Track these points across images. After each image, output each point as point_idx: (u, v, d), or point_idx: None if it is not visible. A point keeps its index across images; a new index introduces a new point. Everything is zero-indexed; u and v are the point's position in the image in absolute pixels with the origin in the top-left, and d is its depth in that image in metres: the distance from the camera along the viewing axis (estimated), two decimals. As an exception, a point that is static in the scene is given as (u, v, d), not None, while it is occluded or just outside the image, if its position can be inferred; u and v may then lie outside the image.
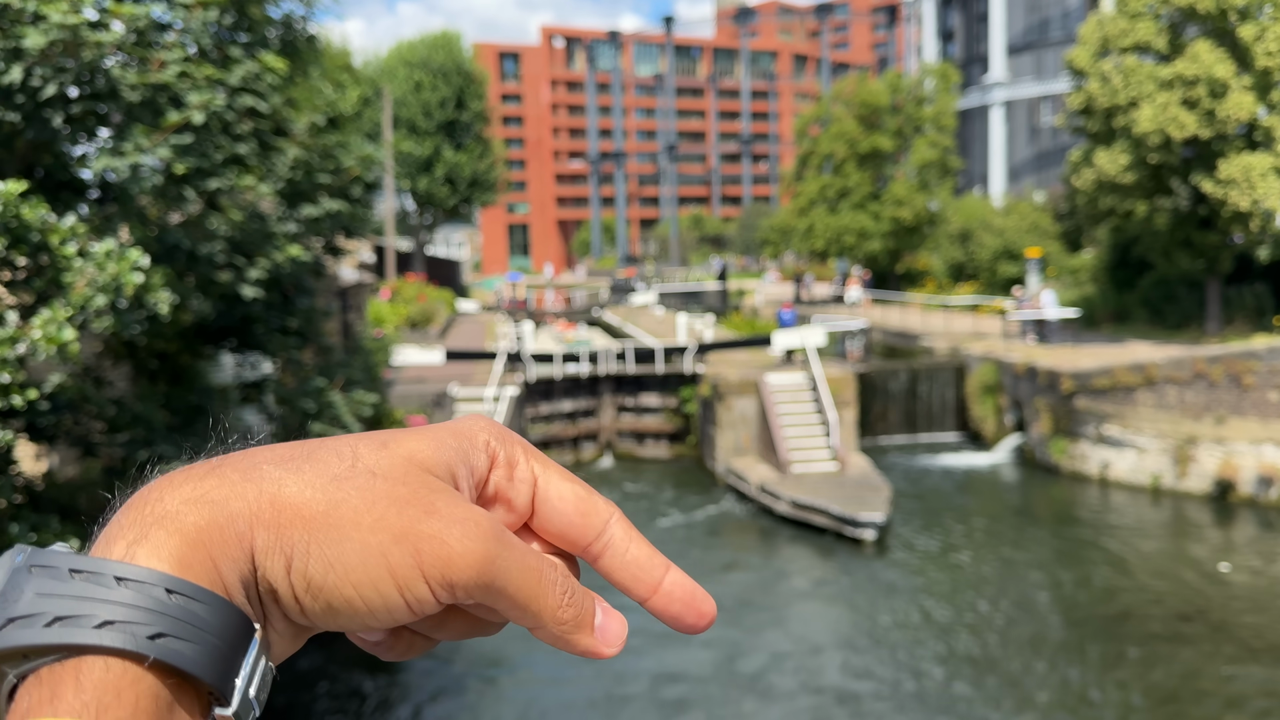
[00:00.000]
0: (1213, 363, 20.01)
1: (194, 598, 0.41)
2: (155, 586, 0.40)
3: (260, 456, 0.46)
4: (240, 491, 0.44)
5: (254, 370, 11.60)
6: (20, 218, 7.10)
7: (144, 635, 0.40)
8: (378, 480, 0.45)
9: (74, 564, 0.41)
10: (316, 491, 0.44)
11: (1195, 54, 21.90)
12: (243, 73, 9.22)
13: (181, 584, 0.41)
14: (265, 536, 0.44)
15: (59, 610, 0.39)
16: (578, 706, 11.80)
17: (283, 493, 0.44)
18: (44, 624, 0.39)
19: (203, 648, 0.41)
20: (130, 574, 0.40)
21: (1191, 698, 11.50)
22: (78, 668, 0.39)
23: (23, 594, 0.40)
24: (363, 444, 0.47)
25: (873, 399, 25.01)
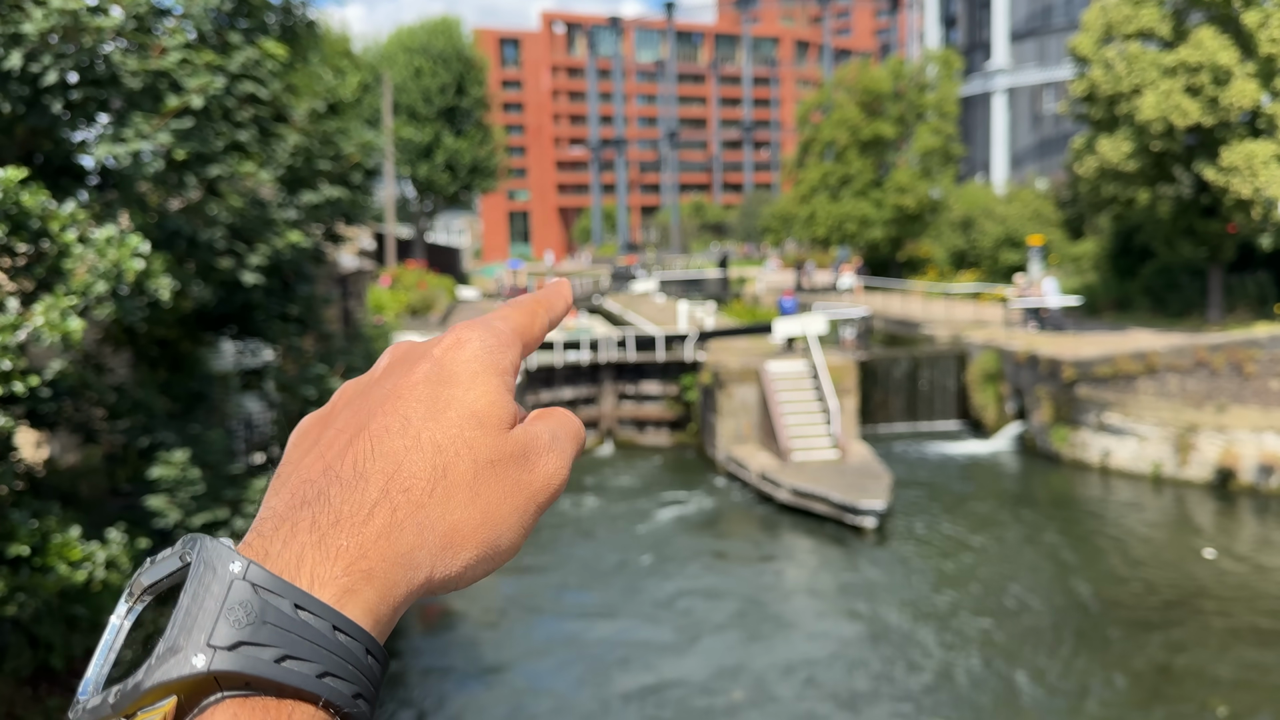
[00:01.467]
0: (1214, 351, 20.00)
1: (379, 660, 0.44)
2: (360, 645, 0.43)
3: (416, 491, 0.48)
4: (420, 541, 0.47)
5: (254, 357, 11.59)
6: (20, 204, 7.08)
7: (349, 694, 0.43)
8: (496, 466, 0.51)
9: (299, 600, 0.43)
10: (470, 509, 0.49)
11: (1199, 41, 21.80)
12: (242, 59, 9.18)
13: (376, 646, 0.44)
14: (444, 570, 0.48)
15: (289, 649, 0.41)
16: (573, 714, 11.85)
17: (449, 524, 0.49)
18: (274, 658, 0.41)
19: (371, 705, 0.44)
20: (346, 628, 0.43)
21: (1181, 681, 11.54)
22: (290, 710, 0.41)
23: (253, 617, 0.41)
24: (466, 431, 0.51)
25: (874, 387, 25.00)
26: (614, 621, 13.91)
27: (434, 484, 0.49)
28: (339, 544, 0.45)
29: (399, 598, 0.46)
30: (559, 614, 14.36)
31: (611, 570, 16.04)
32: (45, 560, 7.69)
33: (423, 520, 0.48)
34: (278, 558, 0.45)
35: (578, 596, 15.01)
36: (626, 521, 18.72)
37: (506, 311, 0.58)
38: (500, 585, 15.68)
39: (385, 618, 0.46)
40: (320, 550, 0.45)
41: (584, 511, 19.41)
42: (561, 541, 17.64)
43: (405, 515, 0.47)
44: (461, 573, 0.49)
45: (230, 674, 0.41)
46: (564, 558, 16.77)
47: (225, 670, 0.41)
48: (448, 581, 0.49)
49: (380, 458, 0.49)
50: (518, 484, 0.51)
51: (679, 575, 15.69)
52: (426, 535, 0.48)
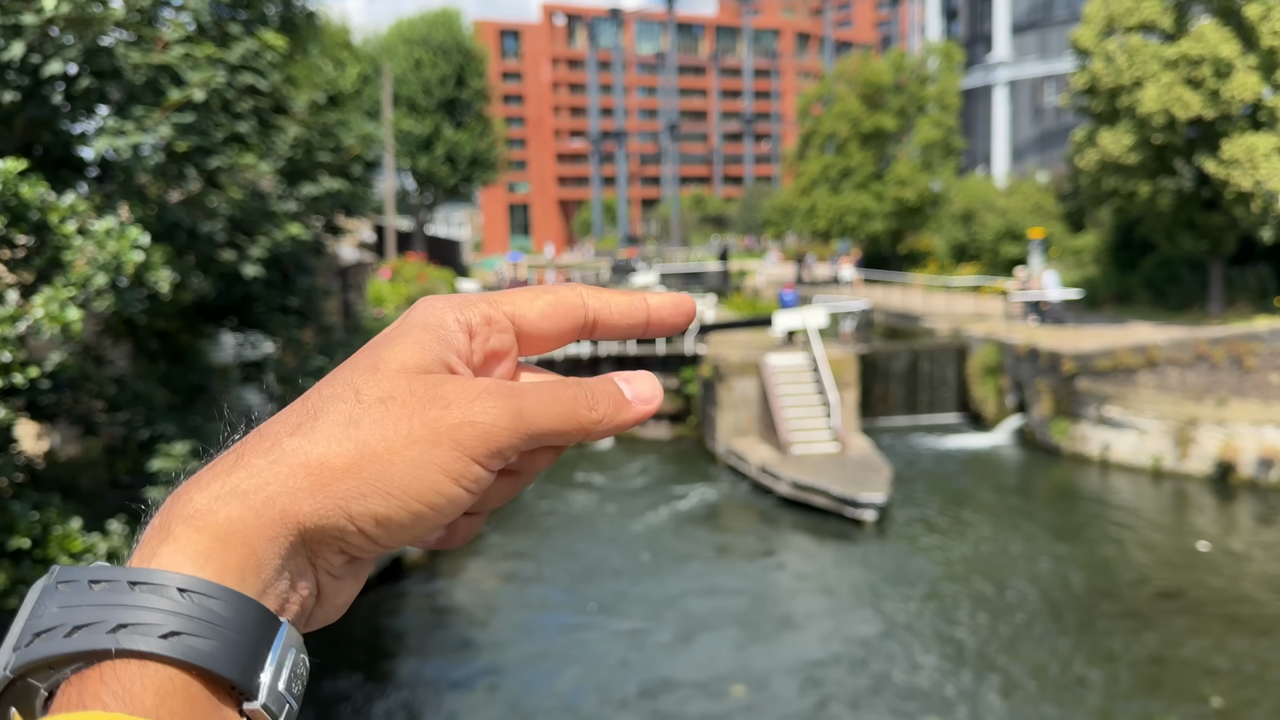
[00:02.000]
0: (1214, 344, 19.99)
1: (209, 594, 0.42)
2: (167, 588, 0.42)
3: (274, 433, 0.47)
4: (272, 475, 0.45)
5: (254, 349, 11.59)
6: (20, 196, 7.07)
7: (156, 634, 0.41)
8: (389, 404, 0.47)
9: (94, 575, 0.42)
10: (341, 442, 0.46)
11: (1200, 33, 21.74)
12: (242, 50, 9.16)
13: (195, 582, 0.42)
14: (312, 503, 0.45)
15: (77, 620, 0.41)
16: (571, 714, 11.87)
17: (311, 457, 0.45)
18: (64, 634, 0.41)
19: (220, 643, 0.41)
20: (143, 577, 0.42)
21: (1177, 672, 11.56)
22: (101, 672, 0.40)
23: (47, 609, 0.42)
24: (357, 377, 0.48)
25: (874, 380, 25.00)
26: (613, 616, 13.93)
27: (296, 428, 0.47)
28: (168, 502, 0.45)
29: (248, 532, 0.44)
30: (558, 609, 14.38)
31: (610, 564, 16.06)
32: (46, 552, 7.70)
33: (276, 456, 0.45)
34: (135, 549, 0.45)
35: (577, 590, 15.03)
36: (626, 515, 18.74)
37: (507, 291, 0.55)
38: (496, 578, 15.70)
39: (228, 556, 0.43)
40: (155, 518, 0.45)
41: (583, 505, 19.43)
42: (560, 534, 17.66)
43: (253, 456, 0.46)
44: (344, 505, 0.45)
45: (30, 665, 0.41)
46: (563, 551, 16.79)
47: (23, 664, 0.41)
48: (327, 514, 0.45)
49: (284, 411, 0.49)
50: (421, 420, 0.47)
51: (678, 569, 15.71)
52: (278, 468, 0.45)
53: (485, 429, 0.47)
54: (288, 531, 0.45)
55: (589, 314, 0.54)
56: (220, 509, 0.44)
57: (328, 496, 0.45)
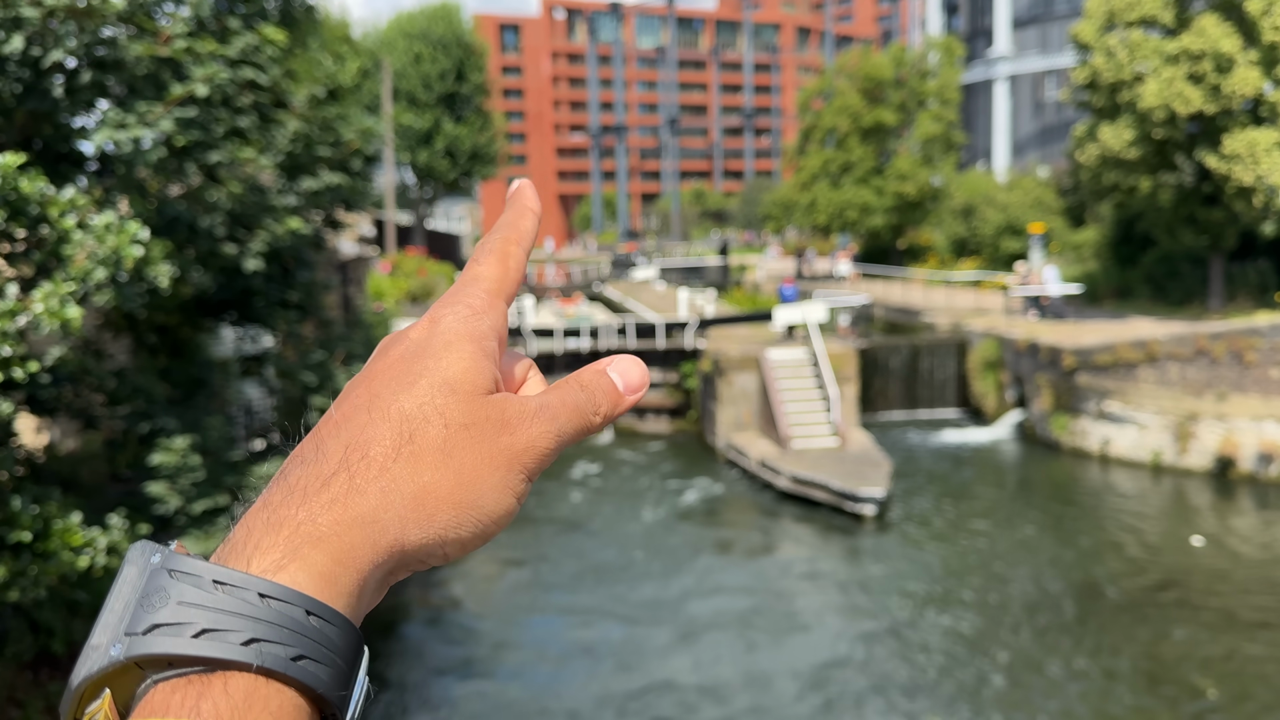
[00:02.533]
0: (1215, 339, 19.99)
1: (330, 621, 0.43)
2: (297, 608, 0.42)
3: (378, 458, 0.48)
4: (386, 504, 0.46)
5: (254, 343, 11.59)
6: (19, 190, 7.06)
7: (287, 656, 0.41)
8: (471, 430, 0.49)
9: (217, 575, 0.42)
10: (441, 471, 0.48)
11: (1201, 28, 21.71)
12: (242, 45, 9.14)
13: (322, 607, 0.43)
14: (419, 533, 0.47)
15: (206, 623, 0.41)
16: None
17: (418, 487, 0.47)
18: (191, 634, 0.41)
19: (333, 670, 0.43)
20: (274, 593, 0.42)
21: (1173, 666, 11.58)
22: (224, 682, 0.40)
23: (167, 600, 0.41)
24: (437, 398, 0.50)
25: (874, 375, 25.01)
26: (612, 611, 13.94)
27: (399, 448, 0.48)
28: (286, 515, 0.45)
29: (362, 560, 0.45)
30: (556, 604, 14.40)
31: (610, 558, 16.08)
32: (46, 546, 7.71)
33: (387, 484, 0.47)
34: (231, 541, 0.45)
35: (576, 585, 15.04)
36: (625, 509, 18.75)
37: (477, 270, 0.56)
38: (496, 572, 15.72)
39: (345, 580, 0.44)
40: (269, 525, 0.45)
41: (583, 499, 19.44)
42: (559, 528, 17.67)
43: (365, 480, 0.46)
44: (442, 535, 0.48)
45: (149, 657, 0.40)
46: (562, 545, 16.81)
47: (142, 655, 0.40)
48: (428, 545, 0.48)
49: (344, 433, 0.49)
50: (497, 447, 0.50)
51: (677, 564, 15.72)
52: (391, 497, 0.47)
53: (542, 451, 0.51)
54: (393, 560, 0.47)
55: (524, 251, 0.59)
56: (345, 535, 0.45)
57: (431, 526, 0.47)
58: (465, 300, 0.54)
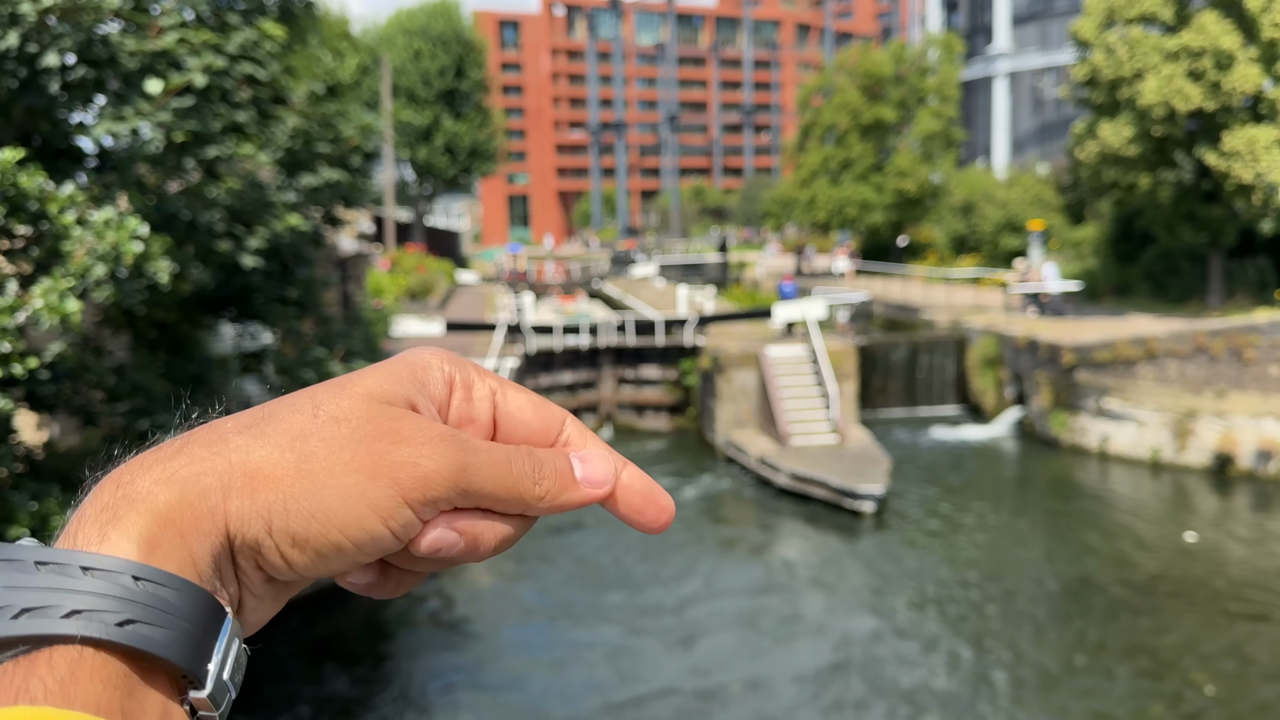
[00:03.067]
0: (1214, 336, 20.00)
1: (162, 583, 0.41)
2: (122, 574, 0.41)
3: (225, 427, 0.46)
4: (210, 465, 0.44)
5: (254, 340, 11.58)
6: (18, 186, 7.06)
7: (112, 622, 0.40)
8: (341, 425, 0.46)
9: (40, 556, 0.41)
10: (284, 451, 0.45)
11: (1201, 25, 21.70)
12: (241, 40, 9.13)
13: (149, 570, 0.41)
14: (240, 504, 0.44)
15: (26, 602, 0.40)
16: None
17: (251, 459, 0.45)
18: (11, 616, 0.40)
19: (173, 632, 0.41)
20: (97, 563, 0.41)
21: (1170, 662, 11.60)
22: (49, 657, 0.39)
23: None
24: (321, 393, 0.48)
25: (873, 372, 25.01)
26: (609, 608, 13.95)
27: (249, 425, 0.46)
28: (110, 483, 0.44)
29: (183, 523, 0.43)
30: (553, 603, 14.41)
31: (606, 556, 16.09)
32: (45, 542, 7.70)
33: (219, 449, 0.45)
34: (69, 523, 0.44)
35: (573, 584, 15.05)
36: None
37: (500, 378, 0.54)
38: (490, 568, 15.72)
39: (170, 543, 0.43)
40: (95, 497, 0.44)
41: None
42: (556, 527, 17.68)
43: (199, 446, 0.45)
44: (267, 515, 0.44)
45: None
46: (558, 544, 16.81)
47: None
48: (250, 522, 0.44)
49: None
50: (370, 450, 0.45)
51: (676, 562, 15.73)
52: (217, 462, 0.44)
53: (426, 474, 0.46)
54: (216, 529, 0.44)
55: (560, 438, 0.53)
56: (160, 493, 0.43)
57: (254, 502, 0.44)
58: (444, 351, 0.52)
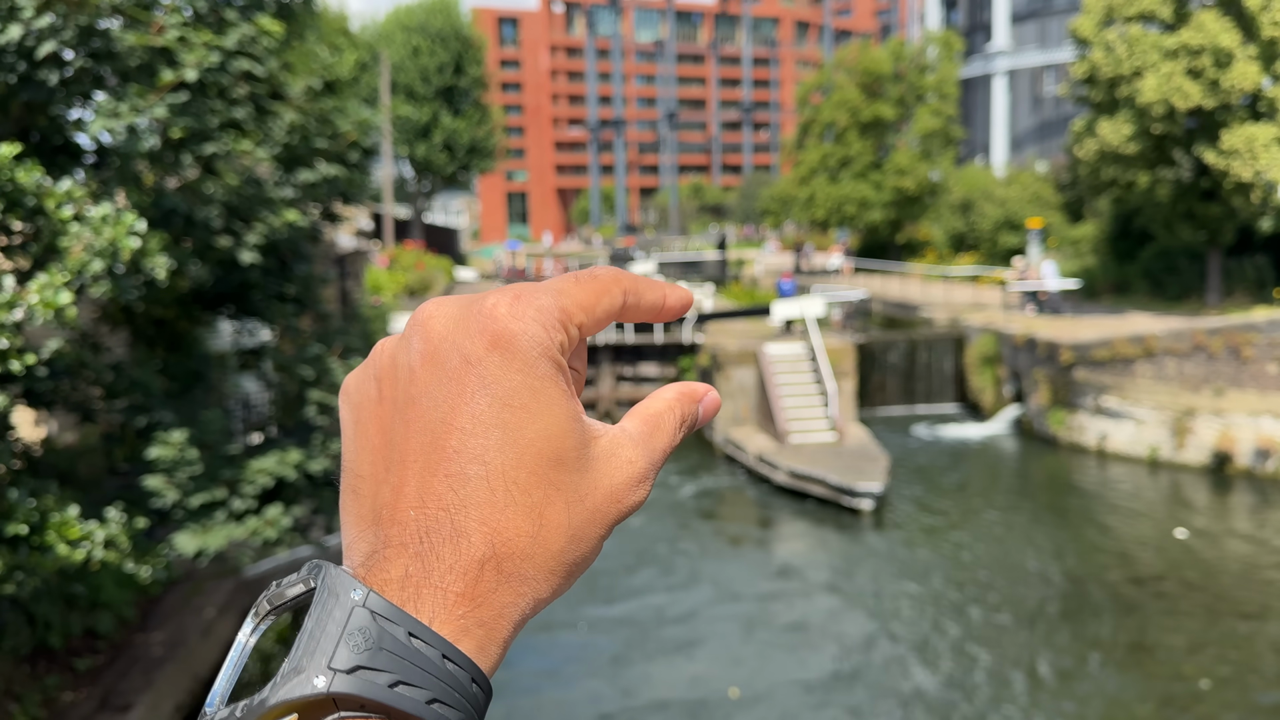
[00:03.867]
0: (1212, 335, 20.01)
1: (484, 690, 0.47)
2: (468, 674, 0.46)
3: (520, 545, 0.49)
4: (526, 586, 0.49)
5: (252, 337, 11.56)
6: (15, 181, 7.04)
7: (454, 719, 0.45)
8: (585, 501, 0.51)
9: (413, 629, 0.45)
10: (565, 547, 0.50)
11: (1200, 23, 21.69)
12: (238, 36, 9.10)
13: (482, 677, 0.47)
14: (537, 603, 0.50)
15: (402, 675, 0.44)
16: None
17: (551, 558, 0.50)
18: (388, 684, 0.44)
19: None
20: (455, 658, 0.46)
21: (1166, 657, 11.61)
22: None
23: (371, 643, 0.44)
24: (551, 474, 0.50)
25: (872, 370, 25.01)
26: (607, 604, 13.95)
27: (534, 538, 0.50)
28: (456, 590, 0.48)
29: (506, 637, 0.49)
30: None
31: (604, 553, 16.08)
32: (43, 539, 7.70)
33: (526, 571, 0.49)
34: (396, 591, 0.47)
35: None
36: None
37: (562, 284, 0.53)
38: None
39: (492, 655, 0.48)
40: (437, 593, 0.47)
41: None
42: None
43: (512, 569, 0.49)
44: (555, 597, 0.52)
45: (348, 696, 0.44)
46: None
47: (343, 693, 0.43)
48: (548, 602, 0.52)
49: (474, 508, 0.49)
50: (606, 510, 0.52)
51: (674, 559, 15.73)
52: (528, 585, 0.50)
53: (635, 503, 0.53)
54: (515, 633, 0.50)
55: (624, 309, 0.56)
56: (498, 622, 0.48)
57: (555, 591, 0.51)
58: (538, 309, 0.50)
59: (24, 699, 8.50)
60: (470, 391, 0.49)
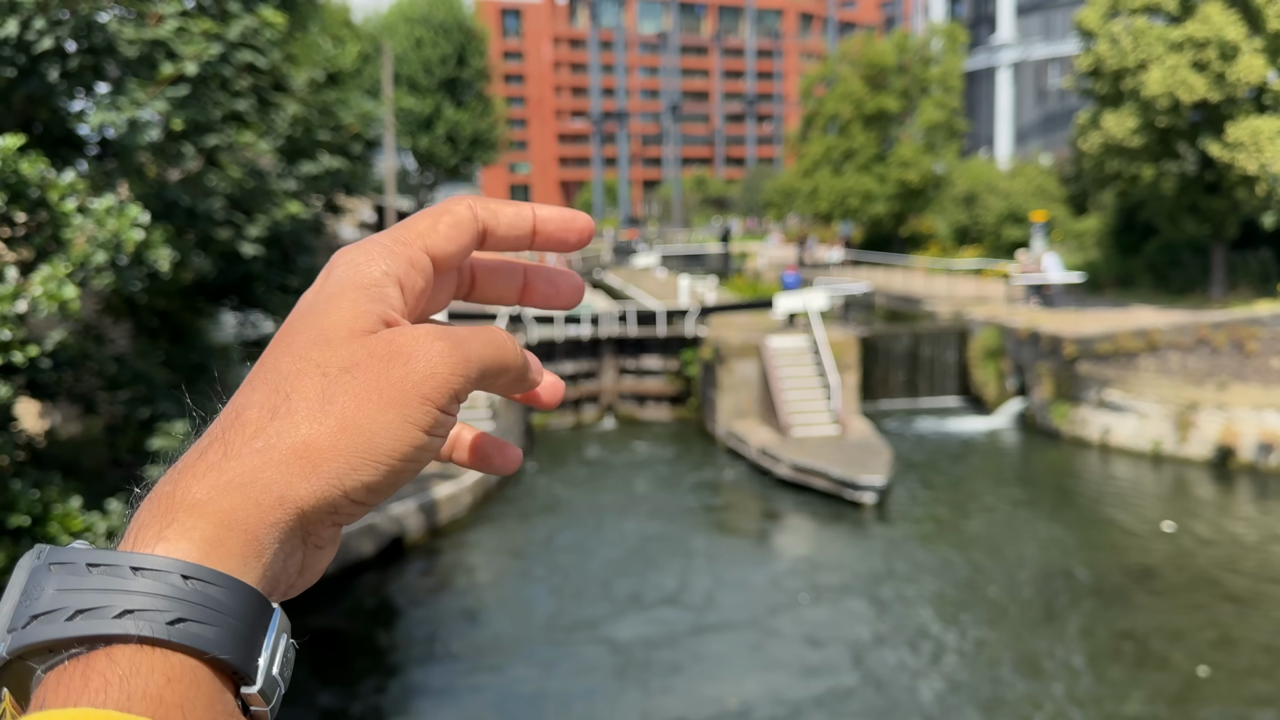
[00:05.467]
0: (1216, 328, 19.96)
1: (211, 582, 0.43)
2: (171, 574, 0.42)
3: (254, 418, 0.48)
4: (264, 461, 0.46)
5: (255, 328, 11.57)
6: (19, 173, 7.03)
7: (164, 621, 0.42)
8: (353, 372, 0.49)
9: (91, 559, 0.43)
10: (321, 421, 0.47)
11: (1206, 16, 21.59)
12: (241, 27, 9.08)
13: (197, 569, 0.43)
14: (307, 486, 0.46)
15: (79, 604, 0.41)
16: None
17: (297, 440, 0.47)
18: (65, 618, 0.41)
19: (222, 629, 0.43)
20: (147, 564, 0.43)
21: (1165, 647, 11.61)
22: (106, 656, 0.41)
23: (43, 591, 0.42)
24: (312, 351, 0.50)
25: (875, 363, 24.99)
26: (607, 600, 13.97)
27: (275, 409, 0.48)
28: (164, 491, 0.46)
29: (249, 521, 0.45)
30: (549, 597, 14.42)
31: (607, 548, 16.10)
32: (46, 531, 7.71)
33: (262, 443, 0.47)
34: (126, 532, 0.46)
35: (571, 578, 15.06)
36: (625, 497, 18.77)
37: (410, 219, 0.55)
38: (493, 563, 15.74)
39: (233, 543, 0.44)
40: (148, 504, 0.46)
41: (582, 486, 19.46)
42: (557, 516, 17.69)
43: (239, 444, 0.47)
44: (338, 483, 0.47)
45: (30, 647, 0.41)
46: (557, 535, 16.83)
47: (23, 645, 0.41)
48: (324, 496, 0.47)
49: (227, 409, 0.49)
50: (387, 381, 0.48)
51: (677, 553, 15.74)
52: (268, 455, 0.46)
53: (445, 378, 0.49)
54: (287, 516, 0.46)
55: (479, 225, 0.56)
56: (220, 499, 0.45)
57: (321, 477, 0.47)
58: (362, 248, 0.53)
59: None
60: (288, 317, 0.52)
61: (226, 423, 0.48)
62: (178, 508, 0.45)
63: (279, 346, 0.50)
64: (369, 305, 0.51)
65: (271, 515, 0.45)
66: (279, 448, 0.46)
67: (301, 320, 0.51)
